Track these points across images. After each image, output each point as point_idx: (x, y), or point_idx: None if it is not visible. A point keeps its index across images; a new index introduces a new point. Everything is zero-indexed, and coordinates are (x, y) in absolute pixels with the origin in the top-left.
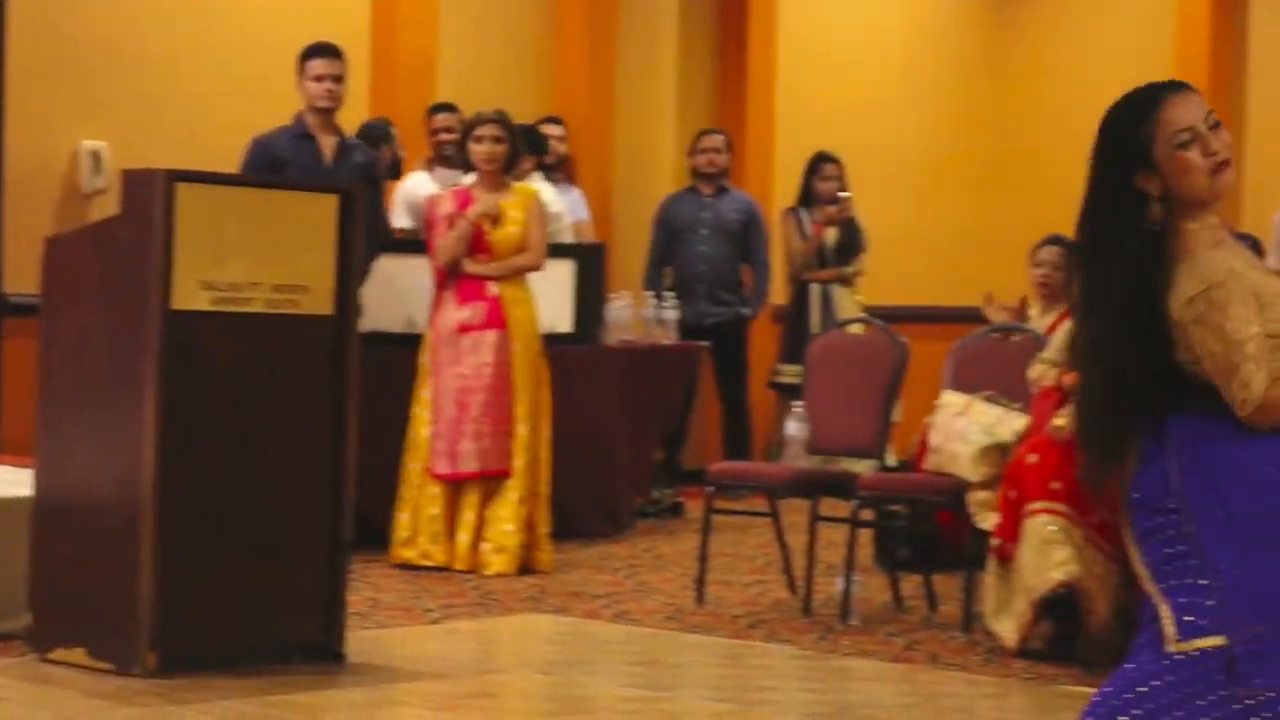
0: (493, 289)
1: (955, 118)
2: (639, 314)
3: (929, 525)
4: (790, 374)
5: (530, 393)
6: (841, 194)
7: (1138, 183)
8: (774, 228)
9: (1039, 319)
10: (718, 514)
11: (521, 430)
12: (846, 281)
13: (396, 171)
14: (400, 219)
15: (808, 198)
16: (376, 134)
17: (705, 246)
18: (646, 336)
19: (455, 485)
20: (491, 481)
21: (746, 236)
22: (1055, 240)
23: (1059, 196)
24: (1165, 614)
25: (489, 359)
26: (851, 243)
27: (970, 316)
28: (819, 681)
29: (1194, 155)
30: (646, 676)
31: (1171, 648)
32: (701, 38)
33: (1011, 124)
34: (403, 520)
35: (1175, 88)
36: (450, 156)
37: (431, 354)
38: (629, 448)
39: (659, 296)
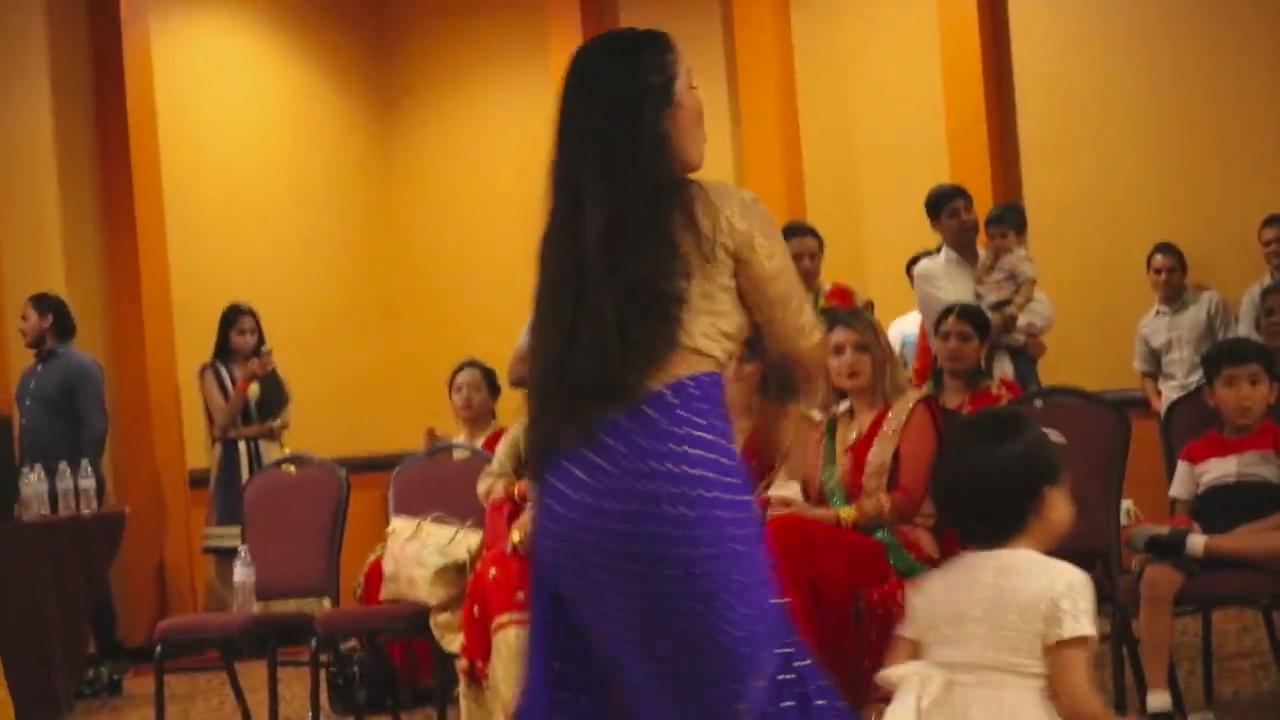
0: None
1: (353, 263)
2: (56, 485)
3: (383, 663)
4: (224, 537)
5: None
6: (264, 348)
7: None
8: (188, 387)
9: (470, 440)
10: (175, 673)
11: None
12: (273, 435)
13: None
14: None
15: (224, 352)
16: None
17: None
18: (66, 508)
19: None
20: None
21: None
22: (472, 364)
23: (459, 328)
24: None
25: None
26: (275, 395)
27: (391, 463)
28: None
29: None
30: None
31: None
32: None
33: (405, 266)
34: None
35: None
36: None
37: None
38: (61, 627)
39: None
